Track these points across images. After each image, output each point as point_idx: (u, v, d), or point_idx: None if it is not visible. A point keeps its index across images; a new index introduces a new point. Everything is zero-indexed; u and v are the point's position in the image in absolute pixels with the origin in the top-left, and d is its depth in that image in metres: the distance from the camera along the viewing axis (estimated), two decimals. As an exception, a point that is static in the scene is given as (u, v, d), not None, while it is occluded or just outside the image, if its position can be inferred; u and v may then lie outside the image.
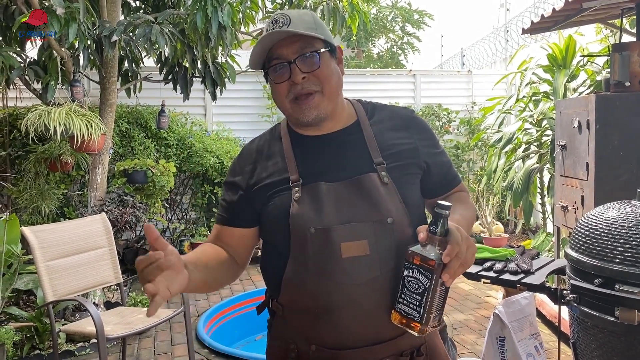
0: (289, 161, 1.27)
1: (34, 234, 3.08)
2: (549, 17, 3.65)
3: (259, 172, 1.29)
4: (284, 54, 1.20)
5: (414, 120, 1.35)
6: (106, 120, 4.40)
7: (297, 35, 1.20)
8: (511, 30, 7.64)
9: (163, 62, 4.85)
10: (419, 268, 1.07)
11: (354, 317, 1.18)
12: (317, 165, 1.26)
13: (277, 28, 1.19)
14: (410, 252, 1.10)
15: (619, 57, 3.14)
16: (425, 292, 1.07)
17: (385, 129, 1.31)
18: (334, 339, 1.20)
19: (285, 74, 1.21)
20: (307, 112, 1.22)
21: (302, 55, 1.20)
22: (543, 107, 4.98)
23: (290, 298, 1.24)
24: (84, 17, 3.79)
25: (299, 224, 1.19)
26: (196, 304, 4.62)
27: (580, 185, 3.29)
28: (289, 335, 1.28)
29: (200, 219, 6.17)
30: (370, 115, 1.34)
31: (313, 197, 1.21)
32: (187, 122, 6.20)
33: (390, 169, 1.24)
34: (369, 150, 1.26)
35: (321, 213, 1.18)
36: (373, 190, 1.21)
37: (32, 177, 4.90)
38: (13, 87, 4.64)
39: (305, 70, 1.20)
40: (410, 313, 1.09)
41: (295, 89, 1.21)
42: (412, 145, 1.30)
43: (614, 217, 1.83)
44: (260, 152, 1.33)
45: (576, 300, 1.87)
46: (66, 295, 3.12)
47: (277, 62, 1.21)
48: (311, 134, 1.29)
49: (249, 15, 4.64)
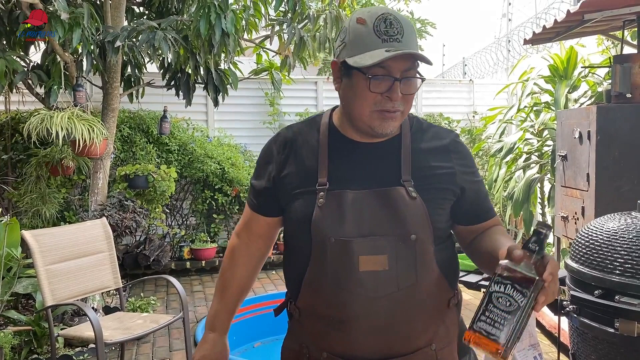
0: (321, 162, 1.24)
1: (34, 238, 3.08)
2: (551, 28, 3.66)
3: (290, 165, 1.27)
4: (394, 67, 1.15)
5: (456, 145, 1.31)
6: (108, 125, 4.41)
7: (415, 58, 1.16)
8: (513, 41, 7.66)
9: (166, 68, 4.87)
10: (514, 283, 0.97)
11: (366, 330, 1.17)
12: (347, 171, 1.23)
13: (392, 34, 1.14)
14: (504, 266, 1.00)
15: (620, 69, 3.15)
16: (517, 310, 0.96)
17: (425, 149, 1.27)
18: (345, 349, 1.19)
19: (385, 86, 1.15)
20: (386, 126, 1.19)
21: (409, 77, 1.17)
22: (544, 118, 4.99)
23: (308, 302, 1.24)
24: (88, 22, 3.81)
25: (319, 232, 1.18)
26: (195, 310, 4.61)
27: (580, 195, 3.29)
28: (303, 340, 1.27)
29: (201, 225, 6.17)
30: (414, 131, 1.30)
31: (337, 205, 1.19)
32: (188, 128, 6.21)
33: (421, 190, 1.20)
34: (401, 164, 1.23)
35: (343, 223, 1.17)
36: (399, 204, 1.18)
37: (33, 181, 4.91)
38: (16, 90, 4.66)
39: (405, 92, 1.17)
40: (494, 333, 0.96)
41: (386, 105, 1.17)
42: (450, 171, 1.26)
43: (614, 228, 1.83)
44: (296, 142, 1.29)
45: (576, 311, 1.87)
46: (65, 300, 3.11)
47: (382, 73, 1.15)
48: (354, 138, 1.26)
49: (252, 22, 4.66)
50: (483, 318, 0.99)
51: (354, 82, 1.19)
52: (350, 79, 1.19)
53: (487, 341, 0.98)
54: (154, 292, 5.15)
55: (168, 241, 5.90)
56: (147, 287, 5.33)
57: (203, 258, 5.86)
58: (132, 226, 4.40)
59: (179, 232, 6.08)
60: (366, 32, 1.15)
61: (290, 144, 1.29)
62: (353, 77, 1.18)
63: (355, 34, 1.17)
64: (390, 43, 1.14)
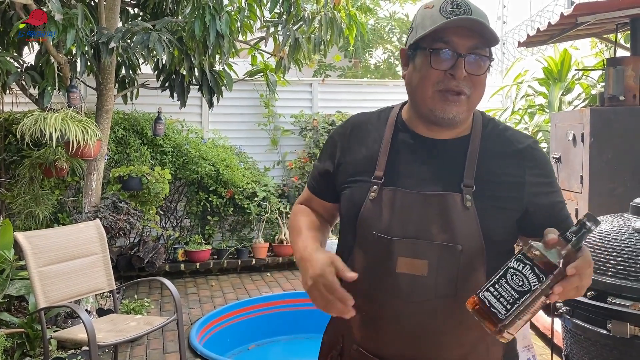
0: (382, 154, 1.20)
1: (27, 240, 3.06)
2: (545, 31, 3.68)
3: (353, 152, 1.26)
4: (457, 43, 1.10)
5: (532, 152, 1.20)
6: (102, 127, 4.39)
7: (482, 31, 1.10)
8: (507, 43, 7.68)
9: (160, 70, 4.86)
10: (534, 266, 0.94)
11: (396, 333, 1.15)
12: (407, 167, 1.19)
13: (458, 13, 1.09)
14: (530, 246, 0.97)
15: (614, 72, 3.17)
16: (528, 292, 0.94)
17: (495, 153, 1.19)
18: (374, 347, 1.19)
19: (448, 63, 1.10)
20: (448, 108, 1.12)
21: (474, 53, 1.11)
22: (538, 120, 5.02)
23: (349, 291, 1.18)
24: (82, 23, 3.79)
25: (365, 225, 1.16)
26: (189, 312, 4.60)
27: (574, 197, 3.30)
28: (340, 330, 1.27)
29: (195, 227, 6.15)
30: (486, 133, 1.22)
31: (387, 201, 1.16)
32: (183, 130, 6.19)
33: (481, 197, 1.13)
34: (465, 168, 1.15)
35: (389, 221, 1.14)
36: (451, 211, 1.12)
37: (26, 182, 4.88)
38: (9, 91, 4.63)
39: (470, 70, 1.11)
40: (497, 307, 0.96)
41: (449, 83, 1.11)
42: (518, 179, 1.17)
43: (607, 230, 1.84)
44: (362, 130, 1.28)
45: (569, 312, 1.87)
46: (58, 302, 3.10)
47: (445, 47, 1.10)
48: (421, 133, 1.21)
49: (246, 24, 4.66)
50: (491, 290, 0.97)
51: (417, 63, 1.15)
52: (414, 61, 1.16)
53: (487, 313, 0.97)
54: (148, 294, 5.13)
55: (162, 243, 5.88)
56: (140, 289, 5.31)
57: (197, 260, 5.85)
58: (126, 228, 4.38)
59: (173, 234, 6.06)
60: (432, 13, 1.12)
61: (357, 131, 1.28)
62: (417, 58, 1.15)
63: (422, 17, 1.15)
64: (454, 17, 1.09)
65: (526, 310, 0.95)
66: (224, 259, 5.92)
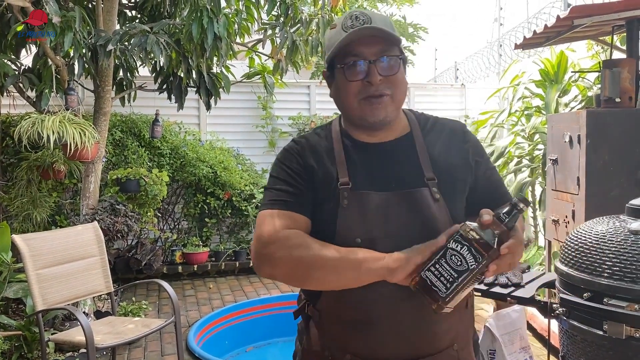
0: (339, 164, 1.23)
1: (25, 242, 3.06)
2: (541, 33, 3.69)
3: (310, 170, 1.24)
4: (364, 52, 1.17)
5: (467, 134, 1.32)
6: (100, 129, 4.39)
7: (381, 35, 1.17)
8: (504, 45, 7.71)
9: (158, 72, 4.86)
10: (470, 246, 1.01)
11: (392, 331, 1.17)
12: (368, 173, 1.22)
13: (358, 25, 1.16)
14: (466, 227, 1.03)
15: (610, 74, 3.18)
16: (465, 272, 1.00)
17: (438, 143, 1.27)
18: (370, 351, 1.19)
19: (362, 73, 1.18)
20: (376, 112, 1.19)
21: (382, 57, 1.18)
22: (535, 122, 5.03)
23: (330, 305, 1.22)
24: (80, 26, 3.80)
25: (345, 233, 1.16)
26: (187, 314, 4.60)
27: (571, 199, 3.32)
28: (324, 343, 1.25)
29: (193, 229, 6.15)
30: (423, 127, 1.30)
31: (361, 205, 1.18)
32: (180, 132, 6.20)
33: (441, 185, 1.20)
34: (421, 163, 1.23)
35: (368, 223, 1.16)
36: (424, 206, 1.17)
37: (24, 185, 4.88)
38: (7, 94, 4.63)
39: (383, 73, 1.18)
40: (437, 286, 1.02)
41: (369, 90, 1.18)
42: (465, 161, 1.27)
43: (602, 231, 1.85)
44: (310, 149, 1.27)
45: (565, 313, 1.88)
46: (56, 304, 3.10)
47: (354, 60, 1.18)
48: (365, 140, 1.26)
49: (244, 26, 4.67)
50: (432, 269, 1.03)
51: (337, 80, 1.23)
52: (334, 79, 1.24)
53: (429, 291, 1.03)
54: (146, 297, 5.13)
55: (160, 245, 5.88)
56: (138, 291, 5.31)
57: (195, 262, 5.85)
58: (124, 230, 4.38)
59: (171, 236, 6.06)
60: (336, 32, 1.20)
61: (306, 151, 1.27)
62: (335, 76, 1.23)
63: (329, 38, 1.23)
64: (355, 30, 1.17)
65: (464, 287, 1.01)
66: (221, 261, 5.92)
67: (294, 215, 1.19)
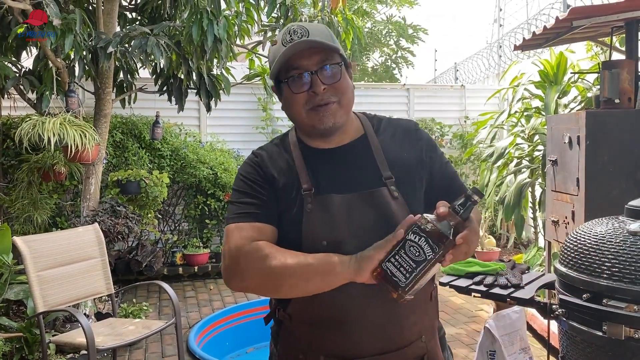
0: (300, 172, 1.27)
1: (26, 244, 3.07)
2: (540, 35, 3.70)
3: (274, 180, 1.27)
4: (305, 64, 1.21)
5: (419, 132, 1.37)
6: (100, 131, 4.40)
7: (319, 47, 1.21)
8: (504, 46, 7.72)
9: (158, 74, 4.87)
10: (427, 237, 1.05)
11: (363, 329, 1.21)
12: (328, 178, 1.26)
13: (296, 39, 1.20)
14: (424, 220, 1.07)
15: (609, 75, 3.19)
16: (423, 262, 1.05)
17: (392, 142, 1.32)
18: (343, 350, 1.22)
19: (306, 84, 1.22)
20: (324, 120, 1.23)
21: (324, 66, 1.22)
22: (534, 123, 5.04)
23: (300, 308, 1.25)
24: (80, 28, 3.81)
25: (311, 237, 1.19)
26: (187, 316, 4.61)
27: (571, 200, 3.32)
28: (297, 346, 1.28)
29: (193, 230, 6.15)
30: (377, 129, 1.35)
31: (325, 209, 1.22)
32: (181, 133, 6.21)
33: (399, 183, 1.25)
34: (378, 163, 1.27)
35: (333, 226, 1.19)
36: (384, 204, 1.22)
37: (24, 187, 4.89)
38: (8, 96, 4.64)
39: (327, 82, 1.22)
40: (397, 276, 1.07)
41: (315, 100, 1.22)
42: (418, 158, 1.31)
43: (602, 232, 1.85)
44: (270, 160, 1.31)
45: (565, 314, 1.88)
46: (57, 306, 3.11)
47: (297, 73, 1.22)
48: (320, 146, 1.30)
49: (244, 28, 4.68)
50: (392, 260, 1.08)
51: (284, 94, 1.27)
52: (282, 93, 1.28)
53: (389, 281, 1.07)
54: (146, 298, 5.14)
55: (160, 247, 5.88)
56: (139, 293, 5.32)
57: (195, 264, 5.85)
58: (125, 232, 4.39)
59: (172, 237, 6.06)
60: (277, 47, 1.24)
61: (266, 162, 1.30)
62: (282, 90, 1.27)
63: (272, 55, 1.26)
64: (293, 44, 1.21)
65: (423, 276, 1.05)
66: (222, 262, 5.92)
67: (259, 226, 1.22)
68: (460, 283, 2.62)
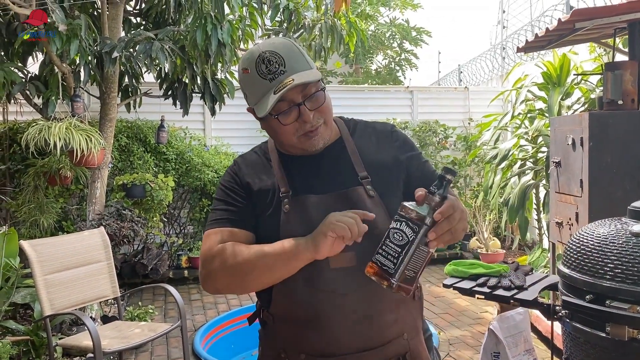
0: (278, 177, 1.31)
1: (33, 248, 3.10)
2: (543, 37, 3.70)
3: (251, 186, 1.32)
4: (293, 97, 1.22)
5: (394, 134, 1.40)
6: (106, 135, 4.43)
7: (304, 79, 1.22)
8: (507, 48, 7.72)
9: (163, 78, 4.90)
10: (407, 221, 1.08)
11: (342, 326, 1.23)
12: (305, 181, 1.30)
13: (274, 69, 1.21)
14: (403, 206, 1.10)
15: (612, 76, 3.19)
16: (407, 244, 1.07)
17: (368, 144, 1.36)
18: (323, 347, 1.24)
19: (294, 115, 1.24)
20: (315, 142, 1.27)
21: (310, 95, 1.24)
22: (538, 124, 5.04)
23: (281, 308, 1.29)
24: (86, 33, 3.84)
25: (289, 237, 1.22)
26: (193, 319, 4.62)
27: (574, 201, 3.32)
28: (279, 345, 1.32)
29: (198, 233, 6.18)
30: (353, 132, 1.38)
31: (302, 209, 1.25)
32: (186, 137, 6.24)
33: (375, 183, 1.28)
34: (353, 164, 1.31)
35: (310, 225, 1.21)
36: (360, 203, 1.25)
37: (31, 191, 4.92)
38: (14, 101, 4.68)
39: (314, 107, 1.25)
40: (386, 264, 1.09)
41: (305, 127, 1.25)
42: (395, 159, 1.34)
43: (604, 234, 1.86)
44: (252, 167, 1.36)
45: (568, 316, 1.89)
46: (63, 309, 3.13)
47: (285, 106, 1.22)
48: (299, 153, 1.32)
49: (248, 32, 4.71)
50: (380, 251, 1.11)
51: (269, 124, 1.28)
52: (266, 122, 1.29)
53: (381, 272, 1.10)
54: (152, 301, 5.16)
55: (166, 250, 5.91)
56: (145, 296, 5.34)
57: (201, 266, 5.87)
58: (130, 235, 4.41)
59: (177, 240, 6.09)
60: (253, 78, 1.24)
61: (247, 169, 1.35)
62: (267, 120, 1.28)
63: (247, 84, 1.27)
64: (277, 79, 1.21)
65: (411, 260, 1.07)
66: (227, 265, 5.93)
67: (233, 230, 1.28)
68: (463, 285, 2.63)
